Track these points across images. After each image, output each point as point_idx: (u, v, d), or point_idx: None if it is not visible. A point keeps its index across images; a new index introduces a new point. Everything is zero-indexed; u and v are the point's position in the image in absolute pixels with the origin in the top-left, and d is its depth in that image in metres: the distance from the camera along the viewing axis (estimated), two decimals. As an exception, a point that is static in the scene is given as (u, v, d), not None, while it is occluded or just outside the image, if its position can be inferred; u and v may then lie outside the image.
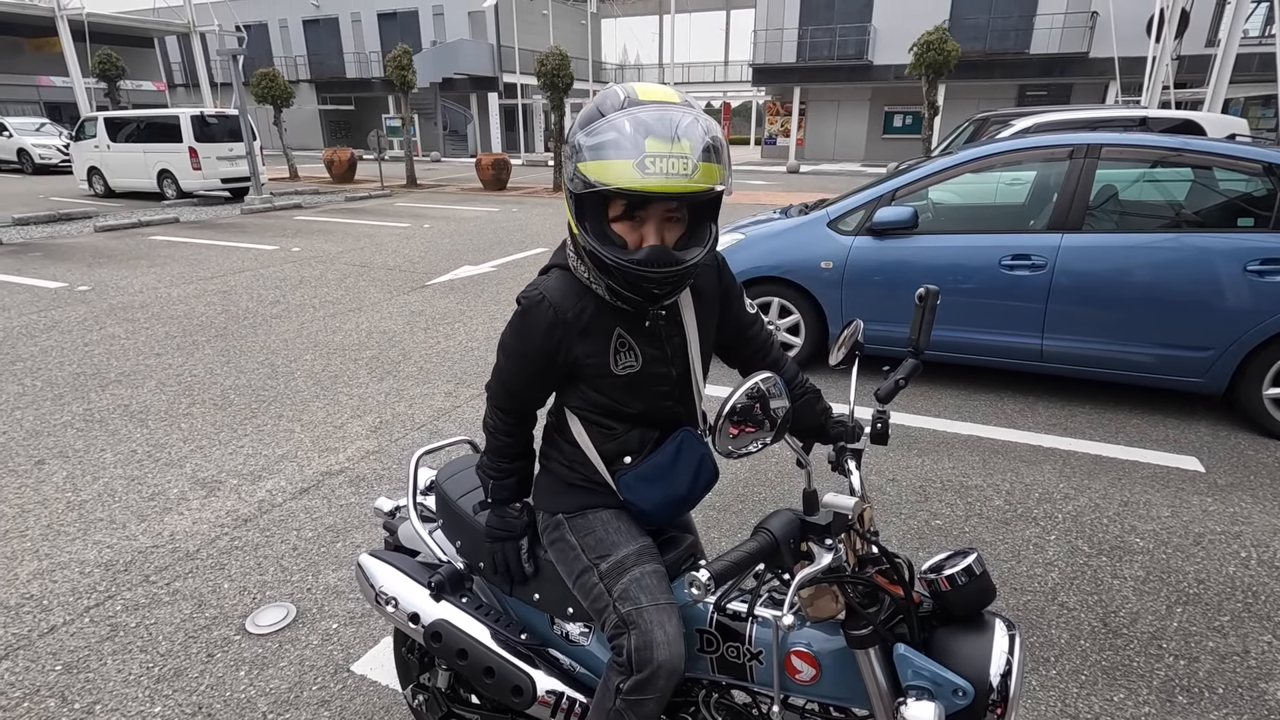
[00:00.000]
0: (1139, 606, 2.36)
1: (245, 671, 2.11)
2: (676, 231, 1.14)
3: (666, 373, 1.27)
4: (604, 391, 1.25)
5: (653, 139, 1.02)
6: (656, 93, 1.10)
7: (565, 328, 1.19)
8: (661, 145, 1.02)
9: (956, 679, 0.99)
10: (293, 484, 3.19)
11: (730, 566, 0.86)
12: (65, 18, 19.06)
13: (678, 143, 1.02)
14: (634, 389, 1.25)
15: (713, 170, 1.05)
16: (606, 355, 1.22)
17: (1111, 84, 18.20)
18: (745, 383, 0.94)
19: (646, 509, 1.28)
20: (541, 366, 1.24)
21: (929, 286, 1.28)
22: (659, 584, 1.22)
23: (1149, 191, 4.08)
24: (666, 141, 1.02)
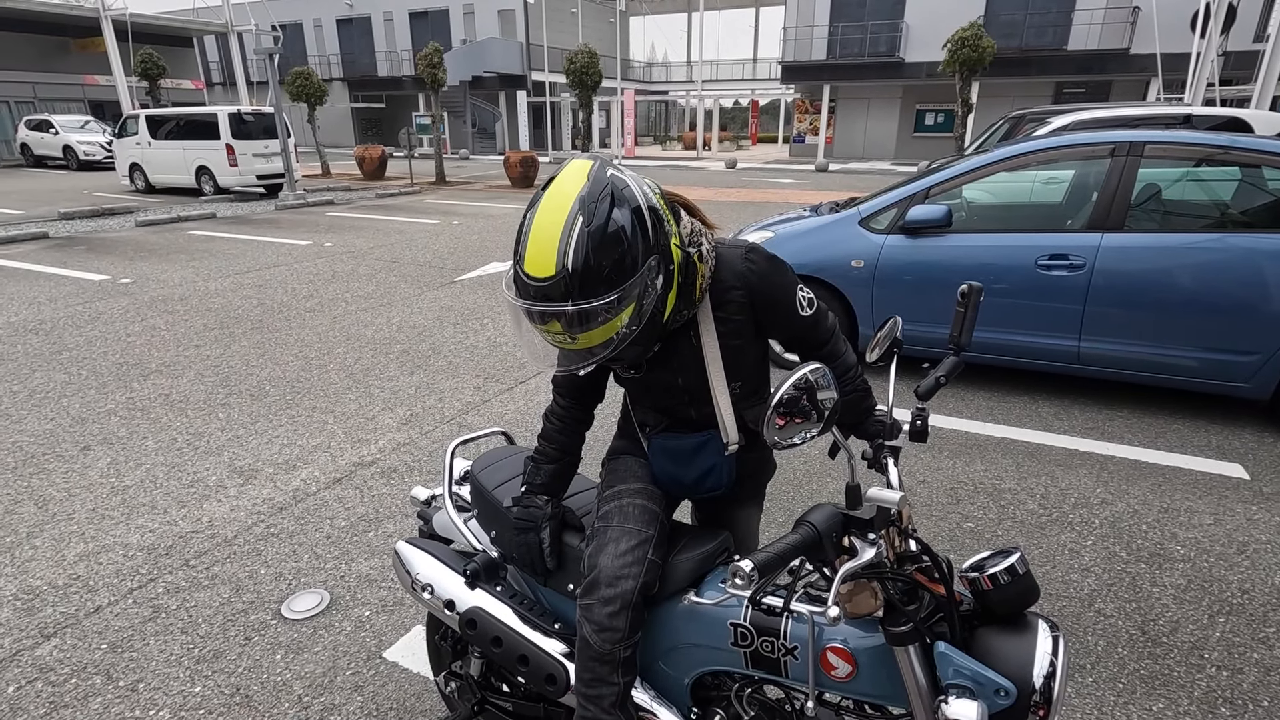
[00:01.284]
0: (1179, 615, 2.30)
1: (281, 655, 2.15)
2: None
3: (672, 382, 1.31)
4: (624, 386, 1.42)
5: (528, 319, 1.10)
6: (533, 251, 1.05)
7: None
8: (536, 322, 1.09)
9: (999, 679, 0.98)
10: (326, 474, 3.25)
11: (773, 558, 0.86)
12: (109, 18, 19.61)
13: (549, 322, 1.07)
14: (643, 390, 1.38)
15: (598, 332, 1.07)
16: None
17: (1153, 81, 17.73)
18: (794, 374, 0.93)
19: (656, 473, 1.41)
20: None
21: (972, 283, 1.26)
22: (637, 514, 1.32)
23: (1194, 191, 3.96)
24: (538, 320, 1.08)
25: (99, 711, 1.94)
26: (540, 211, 1.07)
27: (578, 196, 1.04)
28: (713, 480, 1.35)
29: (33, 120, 22.34)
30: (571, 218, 1.03)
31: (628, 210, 1.06)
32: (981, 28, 13.85)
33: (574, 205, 1.04)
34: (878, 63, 23.98)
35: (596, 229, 1.03)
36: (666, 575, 1.30)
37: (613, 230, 1.04)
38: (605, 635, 1.23)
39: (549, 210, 1.06)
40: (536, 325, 1.09)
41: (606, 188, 1.06)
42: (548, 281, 1.03)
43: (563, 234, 1.03)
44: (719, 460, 1.34)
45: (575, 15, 31.05)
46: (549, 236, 1.04)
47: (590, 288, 1.03)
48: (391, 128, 33.17)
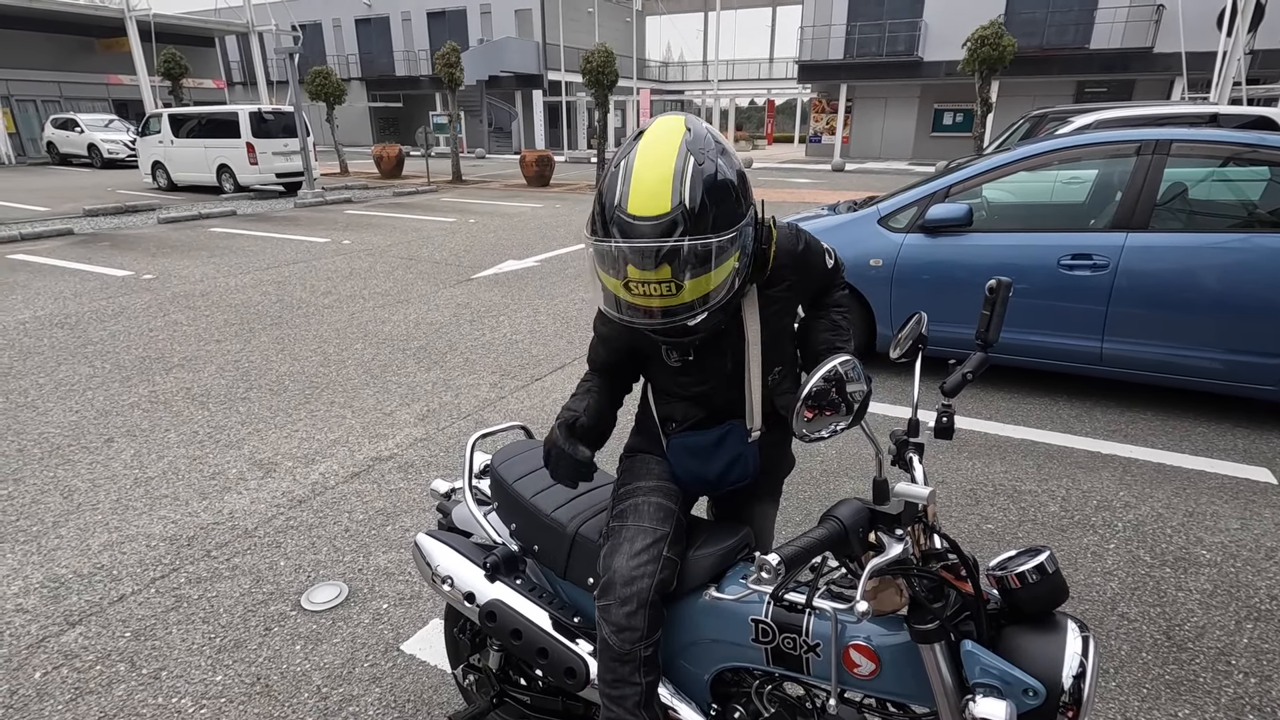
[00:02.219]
0: (1205, 620, 2.26)
1: (300, 646, 2.17)
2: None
3: (721, 365, 1.30)
4: (658, 377, 1.39)
5: (632, 265, 1.04)
6: (641, 191, 1.02)
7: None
8: (639, 273, 1.03)
9: (1027, 678, 0.97)
10: (344, 468, 3.28)
11: (800, 552, 0.85)
12: (134, 18, 19.91)
13: (657, 269, 1.02)
14: (684, 375, 1.34)
15: (701, 281, 1.03)
16: (658, 347, 1.29)
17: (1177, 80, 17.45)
18: (822, 366, 0.92)
19: (676, 472, 1.39)
20: (617, 345, 1.37)
21: (1000, 278, 1.25)
22: (653, 513, 1.30)
23: (1220, 190, 3.89)
24: (644, 269, 1.03)
25: (123, 698, 1.96)
26: (642, 154, 1.04)
27: (683, 140, 1.04)
28: (738, 471, 1.34)
29: (59, 119, 22.72)
30: (682, 159, 1.02)
31: (731, 159, 1.08)
32: (1002, 26, 13.70)
33: (681, 148, 1.03)
34: (896, 62, 23.80)
35: (709, 170, 1.02)
36: (686, 570, 1.29)
37: (722, 174, 1.04)
38: (624, 635, 1.22)
39: (653, 153, 1.04)
40: (637, 273, 1.02)
41: (708, 136, 1.07)
42: (661, 219, 1.00)
43: (675, 173, 1.01)
44: (744, 449, 1.32)
45: (592, 15, 31.10)
46: (659, 176, 1.01)
47: (705, 226, 1.01)
48: (409, 127, 33.40)
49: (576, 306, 6.10)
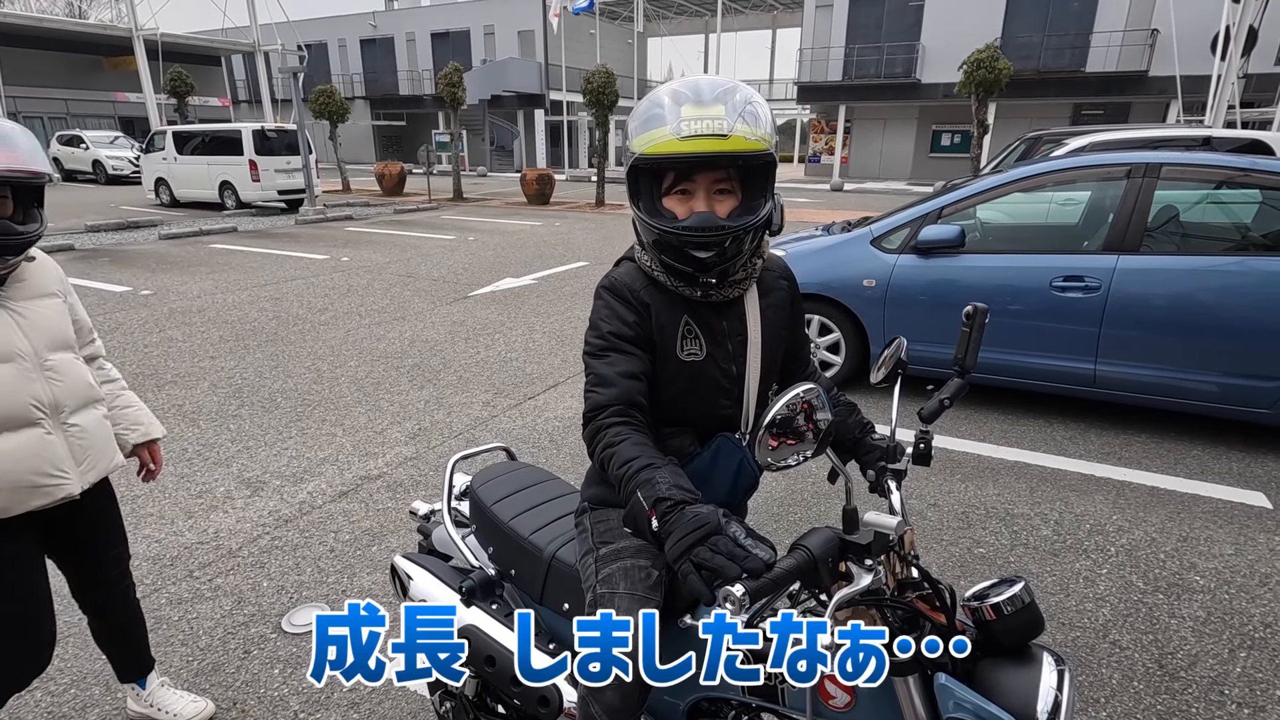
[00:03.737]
0: (1198, 649, 2.23)
1: (279, 670, 2.14)
2: (728, 204, 1.16)
3: (727, 369, 1.27)
4: (665, 384, 1.24)
5: (688, 105, 1.08)
6: (705, 75, 1.15)
7: (639, 299, 1.23)
8: (696, 109, 1.07)
9: (1001, 713, 0.94)
10: (333, 487, 3.26)
11: (766, 583, 0.84)
12: (141, 38, 20.18)
13: (712, 105, 1.07)
14: (694, 381, 1.25)
15: (750, 133, 1.07)
16: (675, 337, 1.23)
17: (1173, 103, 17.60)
18: (786, 393, 0.91)
19: None
20: (636, 334, 1.20)
21: (977, 304, 1.24)
22: (644, 579, 1.21)
23: (1213, 213, 3.91)
24: (700, 105, 1.07)
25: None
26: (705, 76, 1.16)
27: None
28: (746, 477, 1.28)
29: (64, 135, 22.95)
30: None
31: None
32: (998, 49, 13.84)
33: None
34: (894, 83, 24.05)
35: None
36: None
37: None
38: (617, 715, 1.16)
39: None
40: (692, 110, 1.07)
41: None
42: (721, 81, 1.11)
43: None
44: (741, 454, 1.27)
45: (594, 36, 31.50)
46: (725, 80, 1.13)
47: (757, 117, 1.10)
48: (411, 145, 33.70)
49: (572, 325, 6.10)
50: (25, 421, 1.47)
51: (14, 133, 1.39)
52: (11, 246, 1.42)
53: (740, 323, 1.28)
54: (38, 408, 1.49)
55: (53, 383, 1.52)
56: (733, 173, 1.15)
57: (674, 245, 1.14)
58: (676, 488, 1.00)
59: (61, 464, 1.53)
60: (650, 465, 1.05)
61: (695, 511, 0.95)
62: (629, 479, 1.05)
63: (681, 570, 0.91)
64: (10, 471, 1.44)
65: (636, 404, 1.17)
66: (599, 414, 1.15)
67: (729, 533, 0.91)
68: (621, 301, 1.22)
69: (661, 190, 1.17)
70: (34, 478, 1.48)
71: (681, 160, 1.10)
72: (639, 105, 1.15)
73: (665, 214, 1.16)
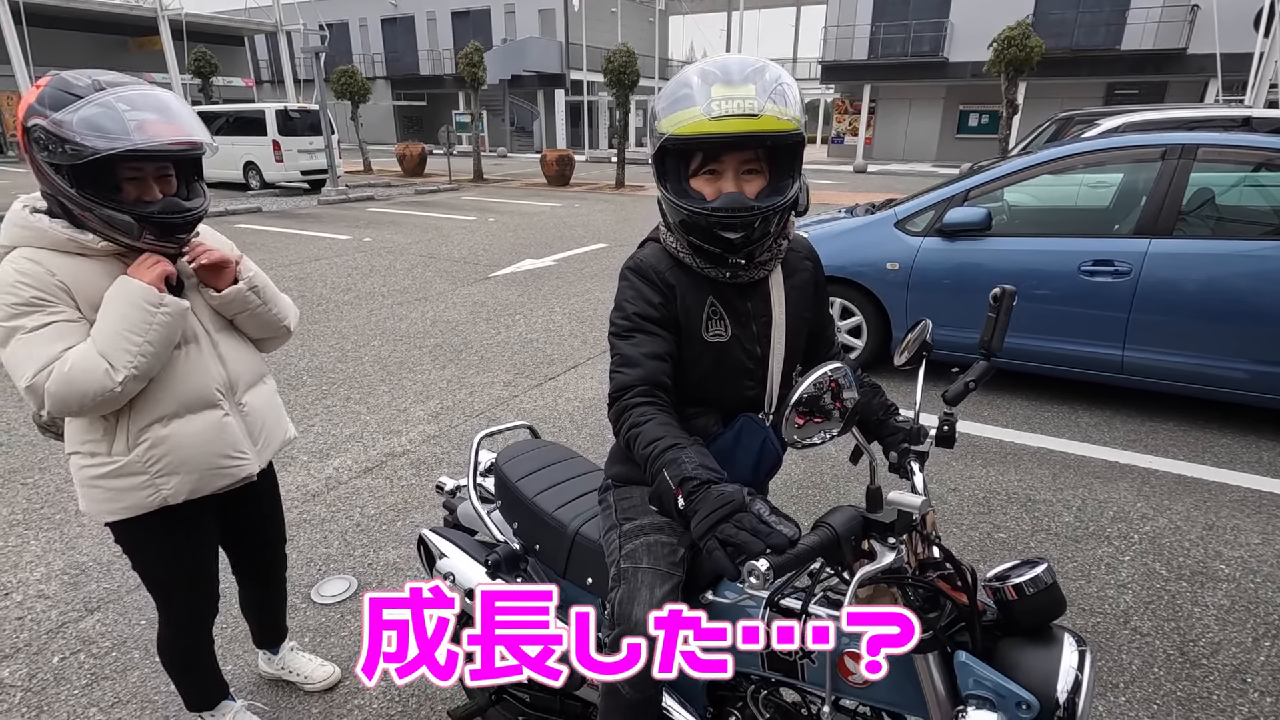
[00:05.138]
0: (1221, 637, 2.21)
1: (309, 638, 2.21)
2: (756, 184, 1.15)
3: (751, 350, 1.27)
4: (690, 365, 1.25)
5: (719, 85, 1.07)
6: (733, 54, 1.14)
7: (664, 281, 1.23)
8: (725, 89, 1.06)
9: (1021, 691, 0.95)
10: (358, 463, 3.32)
11: (790, 559, 0.85)
12: (166, 18, 20.31)
13: (742, 85, 1.06)
14: (719, 363, 1.25)
15: (780, 113, 1.07)
16: (700, 319, 1.23)
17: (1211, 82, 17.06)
18: (814, 372, 0.92)
19: None
20: (662, 315, 1.21)
21: (1005, 286, 1.23)
22: (668, 555, 1.24)
23: (1251, 196, 3.80)
24: (731, 85, 1.06)
25: (137, 684, 2.01)
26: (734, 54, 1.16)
27: None
28: (769, 457, 1.30)
29: (93, 116, 23.20)
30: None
31: None
32: (1030, 27, 13.47)
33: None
34: (921, 62, 23.52)
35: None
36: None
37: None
38: (640, 686, 1.19)
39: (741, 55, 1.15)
40: (723, 90, 1.07)
41: None
42: (752, 61, 1.11)
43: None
44: (764, 433, 1.28)
45: (615, 15, 31.13)
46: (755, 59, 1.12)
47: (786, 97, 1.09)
48: (432, 125, 33.72)
49: (592, 306, 6.11)
50: (208, 403, 1.48)
51: (172, 102, 1.32)
52: (183, 224, 1.38)
53: (765, 304, 1.28)
54: (218, 389, 1.49)
55: (226, 363, 1.53)
56: (761, 153, 1.15)
57: (702, 226, 1.14)
58: (703, 467, 1.01)
59: (240, 444, 1.54)
60: (676, 445, 1.06)
61: (721, 490, 0.96)
62: (655, 458, 1.06)
63: (707, 546, 0.93)
64: (198, 454, 1.46)
65: (661, 384, 1.18)
66: (624, 394, 1.17)
67: (754, 509, 0.92)
68: (647, 283, 1.23)
69: (689, 171, 1.16)
70: (219, 459, 1.50)
71: (711, 140, 1.09)
72: (666, 86, 1.15)
73: (693, 195, 1.15)
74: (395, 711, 1.93)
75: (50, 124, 1.21)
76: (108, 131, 1.21)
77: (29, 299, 1.27)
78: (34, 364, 1.26)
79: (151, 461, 1.42)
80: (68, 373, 1.26)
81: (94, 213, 1.28)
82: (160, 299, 1.33)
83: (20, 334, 1.27)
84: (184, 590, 1.60)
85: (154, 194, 1.33)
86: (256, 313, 1.58)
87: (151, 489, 1.43)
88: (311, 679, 1.99)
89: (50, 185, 1.28)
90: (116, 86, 1.27)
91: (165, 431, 1.42)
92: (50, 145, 1.23)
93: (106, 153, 1.21)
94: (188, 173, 1.41)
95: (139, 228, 1.31)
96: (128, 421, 1.40)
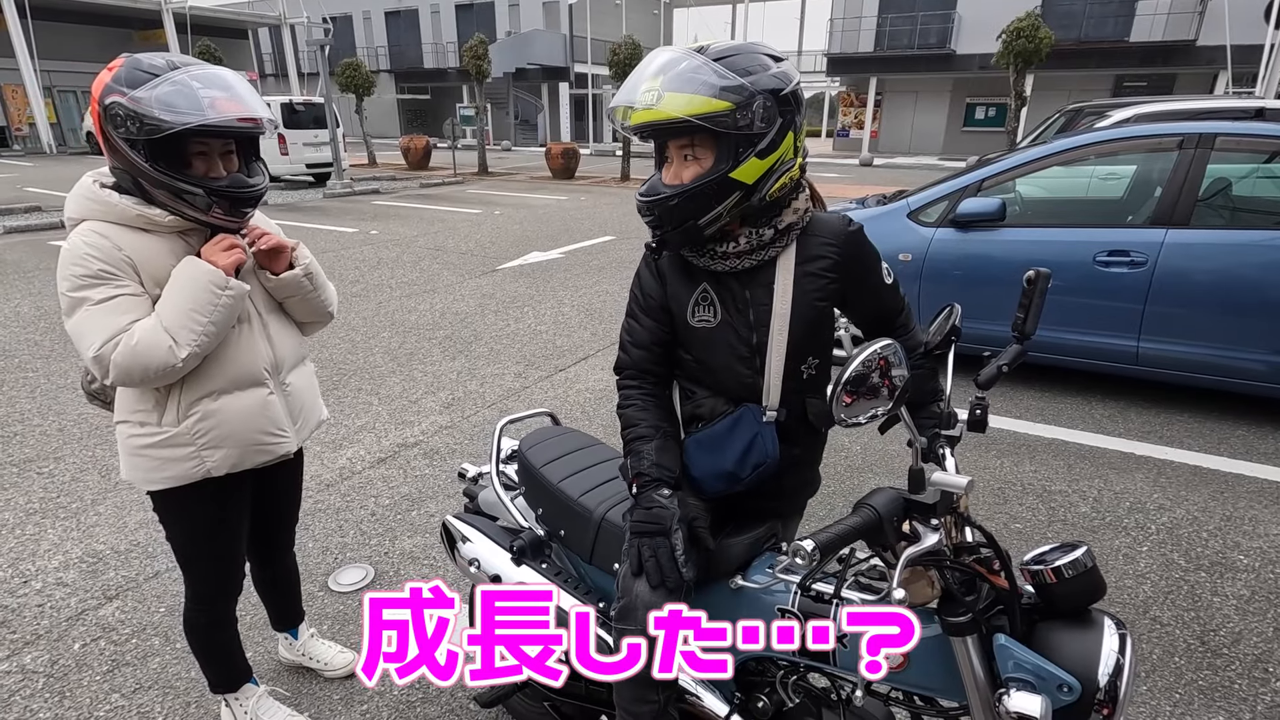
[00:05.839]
0: (1242, 627, 2.20)
1: (328, 625, 2.21)
2: (691, 171, 1.17)
3: (746, 337, 1.25)
4: (686, 348, 1.32)
5: (638, 77, 1.13)
6: (673, 47, 1.17)
7: (658, 268, 1.31)
8: (642, 80, 1.11)
9: (1062, 674, 0.95)
10: (371, 453, 3.32)
11: (834, 539, 0.85)
12: (170, 10, 20.31)
13: (652, 78, 1.10)
14: (708, 348, 1.29)
15: (682, 101, 1.07)
16: (687, 305, 1.28)
17: (1221, 74, 16.94)
18: (863, 350, 0.91)
19: (694, 474, 1.30)
20: (649, 305, 1.32)
21: (1039, 269, 1.22)
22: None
23: (1267, 186, 3.77)
24: (647, 77, 1.11)
25: (158, 671, 2.02)
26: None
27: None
28: (757, 453, 1.25)
29: (98, 109, 23.23)
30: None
31: (760, 76, 1.11)
32: (1039, 18, 13.36)
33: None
34: (928, 55, 23.40)
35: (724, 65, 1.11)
36: (714, 558, 1.28)
37: (738, 69, 1.10)
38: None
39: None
40: (638, 80, 1.11)
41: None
42: (679, 51, 1.13)
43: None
44: (759, 429, 1.25)
45: (619, 7, 31.00)
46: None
47: (708, 79, 1.09)
48: (436, 119, 33.65)
49: (600, 299, 6.10)
50: (256, 381, 1.51)
51: (236, 82, 1.35)
52: (248, 199, 1.40)
53: (767, 292, 1.24)
54: (265, 368, 1.53)
55: (273, 343, 1.56)
56: (699, 140, 1.15)
57: (639, 211, 1.22)
58: (656, 465, 1.23)
59: (282, 423, 1.58)
60: (643, 437, 1.27)
61: (660, 505, 1.19)
62: (627, 444, 1.30)
63: (629, 543, 1.21)
64: (243, 429, 1.49)
65: (647, 370, 1.34)
66: (619, 373, 1.38)
67: (671, 541, 1.16)
68: (648, 268, 1.33)
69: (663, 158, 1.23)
70: (261, 436, 1.53)
71: (629, 130, 1.16)
72: None
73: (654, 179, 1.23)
74: (416, 698, 1.94)
75: (129, 100, 1.25)
76: (183, 108, 1.26)
77: (97, 271, 1.31)
78: (100, 335, 1.30)
79: (199, 434, 1.45)
80: (134, 346, 1.30)
81: (167, 186, 1.32)
82: (226, 282, 1.38)
83: (88, 305, 1.31)
84: (214, 560, 1.61)
85: (219, 170, 1.38)
86: (307, 298, 1.62)
87: (197, 460, 1.46)
88: (331, 665, 2.00)
89: (124, 161, 1.32)
90: (188, 66, 1.31)
91: (215, 405, 1.45)
92: (128, 121, 1.26)
93: (182, 127, 1.26)
94: (247, 151, 1.44)
95: (209, 201, 1.35)
96: (179, 394, 1.43)
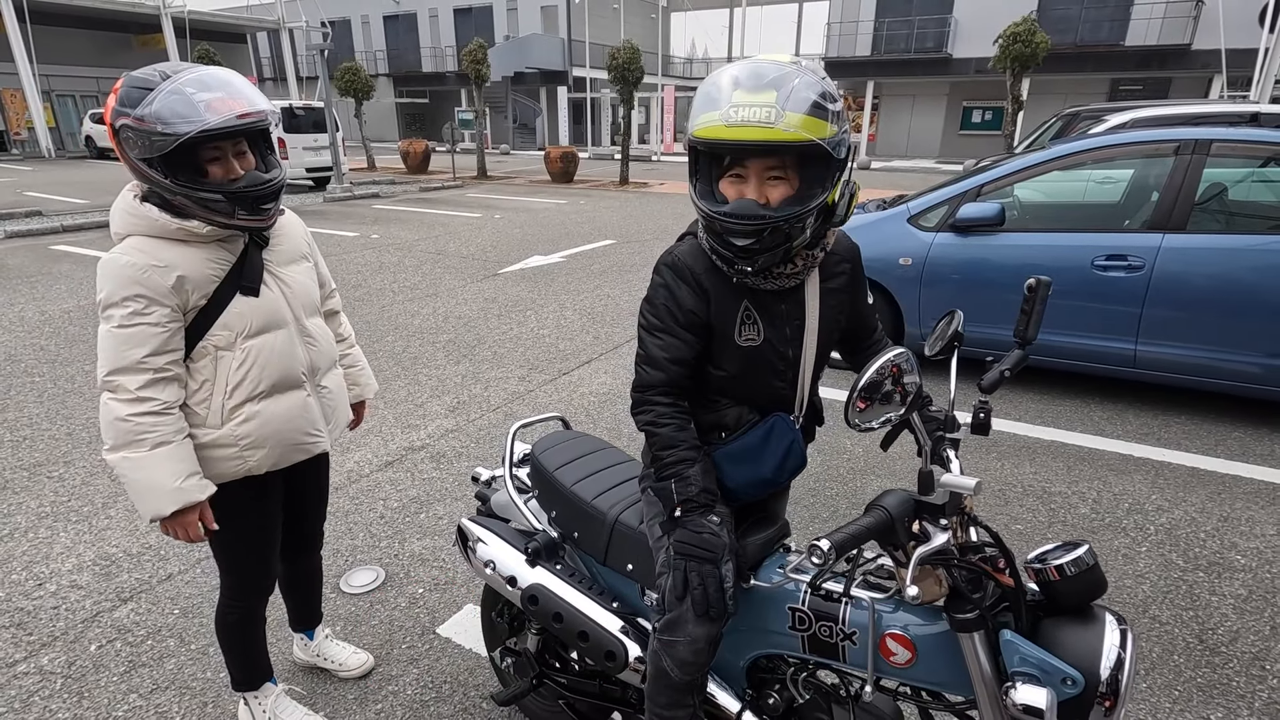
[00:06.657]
0: (1239, 625, 2.24)
1: (340, 627, 2.24)
2: (780, 191, 1.12)
3: (784, 353, 1.28)
4: (723, 364, 1.28)
5: (740, 91, 1.06)
6: (765, 55, 1.13)
7: (699, 284, 1.23)
8: (746, 95, 1.06)
9: (1066, 668, 0.99)
10: (378, 457, 3.36)
11: (848, 539, 0.88)
12: (169, 15, 20.35)
13: (761, 93, 1.05)
14: (752, 364, 1.27)
15: (803, 122, 1.04)
16: (733, 323, 1.24)
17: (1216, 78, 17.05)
18: (878, 359, 0.95)
19: (730, 487, 1.31)
20: (690, 320, 1.24)
21: (1039, 277, 1.26)
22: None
23: (1262, 191, 3.82)
24: (751, 91, 1.05)
25: (174, 672, 2.05)
26: (766, 55, 1.13)
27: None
28: (794, 459, 1.30)
29: (96, 114, 23.27)
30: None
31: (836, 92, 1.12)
32: (1035, 22, 13.44)
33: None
34: (924, 59, 23.51)
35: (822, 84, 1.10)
36: None
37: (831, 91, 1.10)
38: (688, 669, 1.23)
39: (774, 55, 1.12)
40: (744, 96, 1.06)
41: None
42: (782, 63, 1.09)
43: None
44: (793, 435, 1.30)
45: (617, 11, 31.10)
46: (786, 59, 1.11)
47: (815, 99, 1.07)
48: (435, 122, 33.72)
49: (602, 302, 6.14)
50: (294, 384, 1.57)
51: (232, 78, 1.37)
52: (267, 195, 1.43)
53: (799, 308, 1.28)
54: (303, 372, 1.58)
55: (310, 347, 1.61)
56: (789, 160, 1.11)
57: (716, 230, 1.14)
58: (705, 491, 1.21)
59: (318, 423, 1.65)
60: (685, 460, 1.22)
61: (712, 530, 1.19)
62: (667, 465, 1.23)
63: (671, 564, 1.20)
64: (282, 430, 1.55)
65: (681, 387, 1.28)
66: (646, 391, 1.27)
67: (722, 570, 1.18)
68: (683, 283, 1.23)
69: (719, 172, 1.16)
70: (300, 436, 1.59)
71: (723, 146, 1.09)
72: (702, 84, 1.15)
73: (718, 197, 1.15)
74: (429, 697, 1.97)
75: (134, 121, 1.28)
76: (182, 116, 1.27)
77: (132, 294, 1.35)
78: (108, 364, 1.37)
79: (243, 436, 1.50)
80: (110, 419, 1.38)
81: (190, 198, 1.35)
82: (157, 512, 1.42)
83: (110, 324, 1.36)
84: (252, 554, 1.65)
85: (236, 171, 1.40)
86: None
87: (239, 460, 1.51)
88: (346, 666, 2.03)
89: (147, 180, 1.35)
90: (179, 73, 1.32)
91: (257, 408, 1.51)
92: (139, 142, 1.29)
93: (185, 136, 1.27)
94: (260, 145, 1.47)
95: (231, 205, 1.38)
96: (225, 399, 1.47)
